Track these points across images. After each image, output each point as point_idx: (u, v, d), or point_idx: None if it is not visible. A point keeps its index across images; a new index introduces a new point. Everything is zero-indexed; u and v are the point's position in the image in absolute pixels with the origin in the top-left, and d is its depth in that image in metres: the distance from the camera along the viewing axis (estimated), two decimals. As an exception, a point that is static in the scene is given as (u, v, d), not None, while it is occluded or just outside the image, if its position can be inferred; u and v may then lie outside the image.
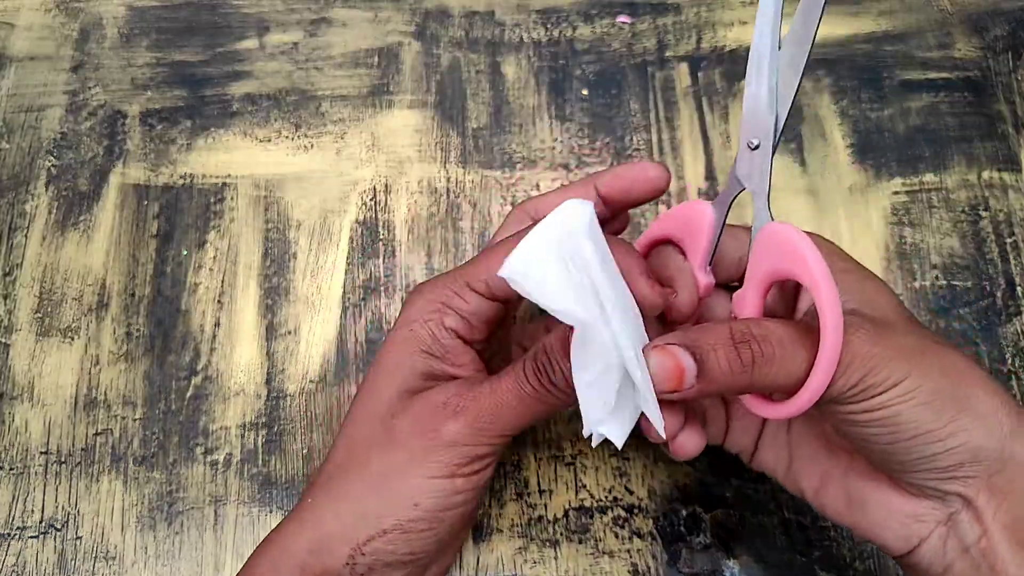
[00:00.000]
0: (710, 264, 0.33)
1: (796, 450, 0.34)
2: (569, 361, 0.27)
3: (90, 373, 0.42)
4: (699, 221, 0.32)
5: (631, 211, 0.39)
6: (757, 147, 0.30)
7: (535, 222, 0.29)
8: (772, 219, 0.30)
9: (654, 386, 0.27)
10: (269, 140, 0.48)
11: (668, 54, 0.51)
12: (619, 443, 0.29)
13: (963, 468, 0.28)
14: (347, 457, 0.31)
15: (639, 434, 0.41)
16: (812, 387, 0.27)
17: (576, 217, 0.28)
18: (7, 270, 0.44)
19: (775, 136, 0.29)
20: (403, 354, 0.31)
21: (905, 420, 0.27)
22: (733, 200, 0.32)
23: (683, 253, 0.33)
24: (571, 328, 0.27)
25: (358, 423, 0.32)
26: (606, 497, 0.40)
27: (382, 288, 0.44)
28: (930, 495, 0.29)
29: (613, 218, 0.36)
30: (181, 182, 0.47)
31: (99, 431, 0.41)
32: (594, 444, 0.29)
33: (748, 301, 0.31)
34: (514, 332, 0.38)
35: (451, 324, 0.31)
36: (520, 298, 0.29)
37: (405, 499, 0.29)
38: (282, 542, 0.31)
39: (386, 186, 0.47)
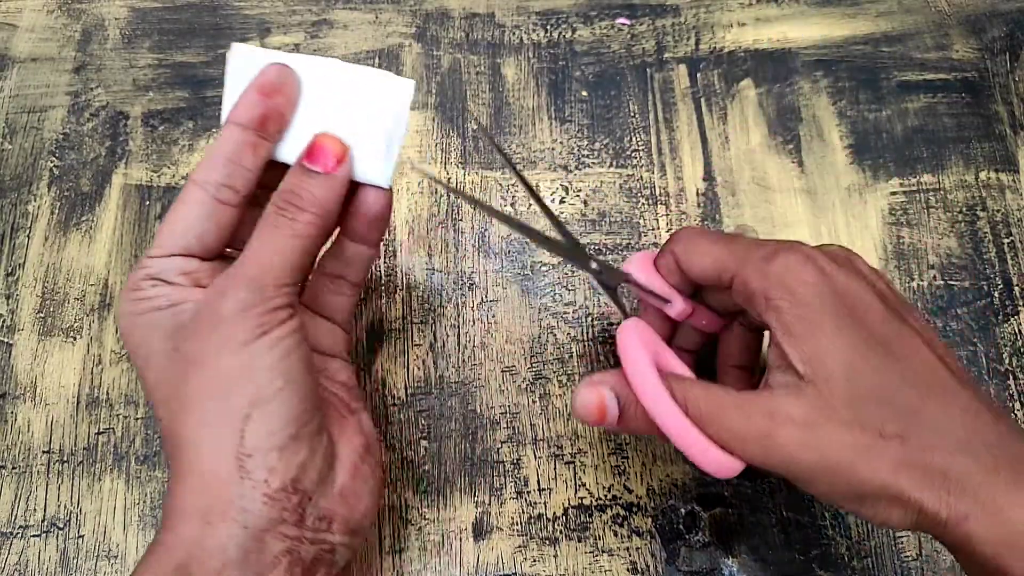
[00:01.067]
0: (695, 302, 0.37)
1: None
2: (312, 178, 0.31)
3: (92, 373, 0.42)
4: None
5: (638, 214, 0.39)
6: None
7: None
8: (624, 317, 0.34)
9: (582, 415, 0.32)
10: (270, 141, 0.48)
11: (667, 56, 0.51)
12: (386, 182, 0.33)
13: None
14: (167, 406, 0.29)
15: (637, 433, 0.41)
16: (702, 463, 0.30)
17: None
18: (10, 270, 0.45)
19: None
20: (146, 329, 0.30)
21: (835, 505, 0.31)
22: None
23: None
24: (300, 161, 0.31)
25: (155, 383, 0.30)
26: (605, 495, 0.40)
27: (383, 288, 0.44)
28: None
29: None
30: (183, 183, 0.47)
31: (101, 430, 0.41)
32: (385, 183, 0.33)
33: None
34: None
35: (150, 286, 0.30)
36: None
37: (240, 373, 0.28)
38: (173, 506, 0.29)
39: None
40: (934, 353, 0.31)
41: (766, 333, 0.36)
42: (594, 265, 0.35)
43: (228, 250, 0.33)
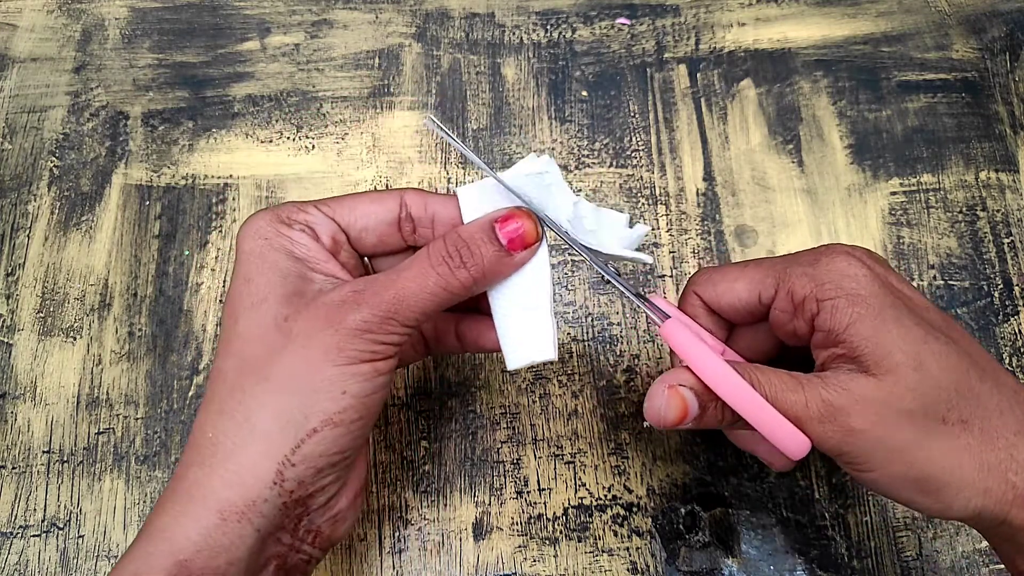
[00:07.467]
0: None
1: None
2: (492, 244, 0.30)
3: (92, 372, 0.42)
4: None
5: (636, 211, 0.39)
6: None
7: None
8: (659, 322, 0.32)
9: (663, 418, 0.30)
10: (270, 141, 0.48)
11: (667, 55, 0.51)
12: (553, 355, 0.32)
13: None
14: (240, 373, 0.28)
15: (637, 432, 0.41)
16: (782, 450, 0.29)
17: (538, 168, 0.32)
18: (10, 270, 0.45)
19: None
20: (269, 261, 0.30)
21: (890, 496, 0.30)
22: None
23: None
24: (494, 220, 0.31)
25: (245, 338, 0.29)
26: (605, 495, 0.40)
27: (383, 288, 0.45)
28: None
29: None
30: (183, 183, 0.47)
31: (101, 430, 0.41)
32: (510, 368, 0.32)
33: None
34: None
35: (300, 230, 0.31)
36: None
37: (332, 389, 0.28)
38: (189, 491, 0.27)
39: (387, 186, 0.47)
40: (975, 339, 0.31)
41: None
42: (612, 269, 0.34)
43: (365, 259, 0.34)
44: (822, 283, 0.30)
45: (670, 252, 0.45)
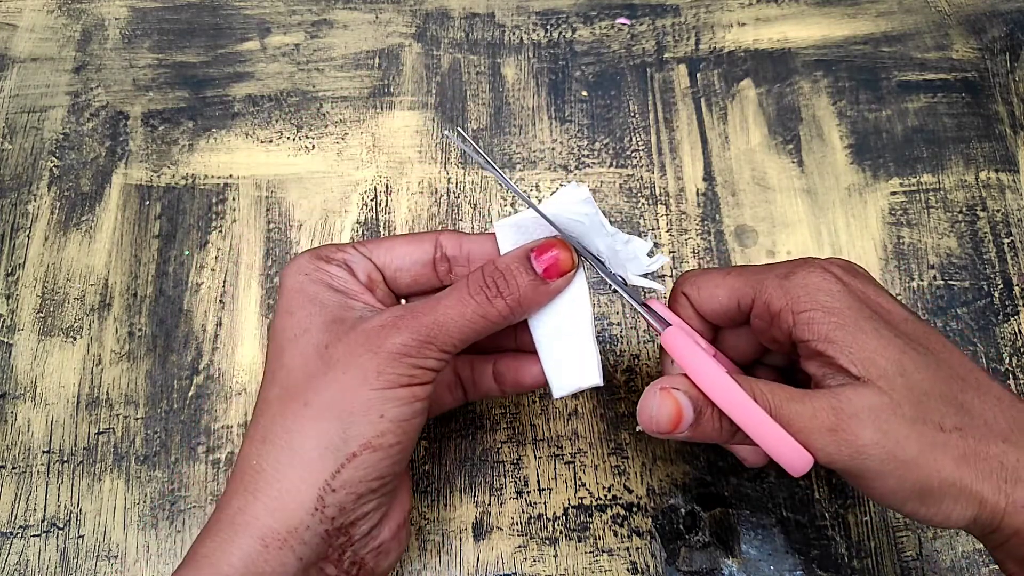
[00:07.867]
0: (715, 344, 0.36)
1: None
2: (527, 274, 0.31)
3: (92, 372, 0.42)
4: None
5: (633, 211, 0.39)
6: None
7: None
8: (660, 330, 0.32)
9: (656, 421, 0.29)
10: (270, 141, 0.48)
11: (667, 55, 0.51)
12: (599, 380, 0.32)
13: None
14: (283, 401, 0.29)
15: (637, 432, 0.41)
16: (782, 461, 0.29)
17: (574, 198, 0.31)
18: (10, 270, 0.45)
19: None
20: (310, 294, 0.31)
21: (893, 507, 0.30)
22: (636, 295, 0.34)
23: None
24: (530, 250, 0.31)
25: (288, 367, 0.30)
26: (605, 495, 0.40)
27: (383, 288, 0.45)
28: None
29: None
30: (183, 183, 0.47)
31: (101, 430, 0.41)
32: (557, 396, 0.33)
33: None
34: None
35: (337, 266, 0.32)
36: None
37: (370, 413, 0.28)
38: (233, 518, 0.28)
39: (387, 187, 0.47)
40: (957, 349, 0.31)
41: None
42: (620, 279, 0.34)
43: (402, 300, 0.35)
44: (796, 296, 0.30)
45: (670, 252, 0.46)
